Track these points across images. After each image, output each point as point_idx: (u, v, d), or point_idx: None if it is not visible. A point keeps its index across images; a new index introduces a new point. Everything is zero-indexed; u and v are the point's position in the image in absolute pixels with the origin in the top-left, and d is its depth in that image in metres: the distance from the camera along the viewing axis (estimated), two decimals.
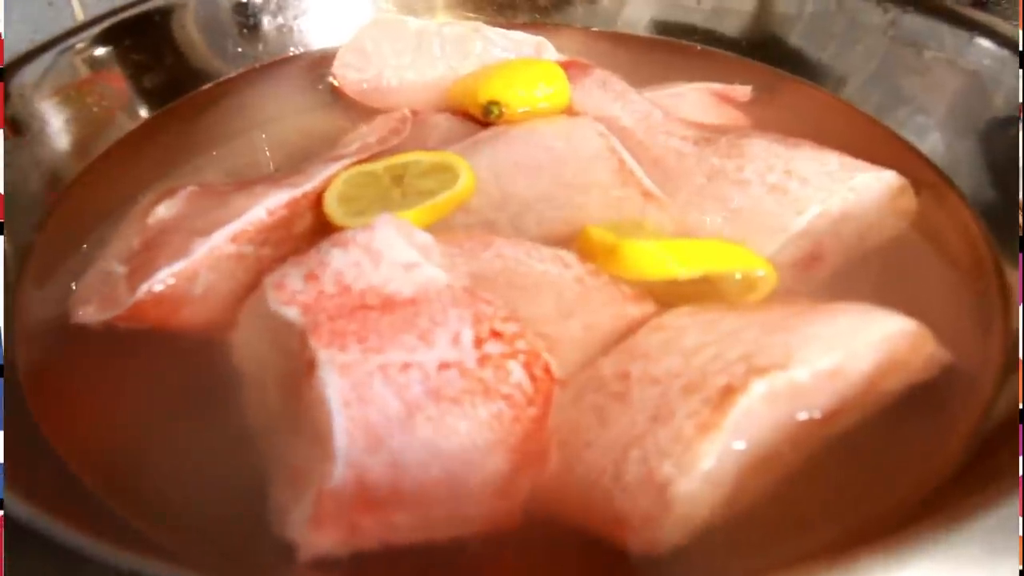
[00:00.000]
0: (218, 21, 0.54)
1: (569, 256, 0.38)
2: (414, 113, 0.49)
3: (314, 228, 0.41)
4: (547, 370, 0.32)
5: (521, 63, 0.50)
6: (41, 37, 0.52)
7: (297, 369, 0.31)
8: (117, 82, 0.47)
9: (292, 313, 0.33)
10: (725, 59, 0.58)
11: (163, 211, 0.40)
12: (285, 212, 0.39)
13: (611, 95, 0.49)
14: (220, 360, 0.35)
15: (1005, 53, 0.46)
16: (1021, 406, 0.31)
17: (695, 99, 0.51)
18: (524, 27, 0.57)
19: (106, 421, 0.32)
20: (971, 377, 0.34)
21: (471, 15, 0.61)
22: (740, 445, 0.29)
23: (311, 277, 0.35)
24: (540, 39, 0.53)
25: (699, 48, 0.59)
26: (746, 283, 0.37)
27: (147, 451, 0.31)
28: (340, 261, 0.35)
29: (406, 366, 0.30)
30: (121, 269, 0.37)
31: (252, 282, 0.37)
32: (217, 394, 0.33)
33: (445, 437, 0.29)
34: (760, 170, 0.42)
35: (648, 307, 0.36)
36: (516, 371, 0.31)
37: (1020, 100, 0.44)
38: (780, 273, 0.38)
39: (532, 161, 0.44)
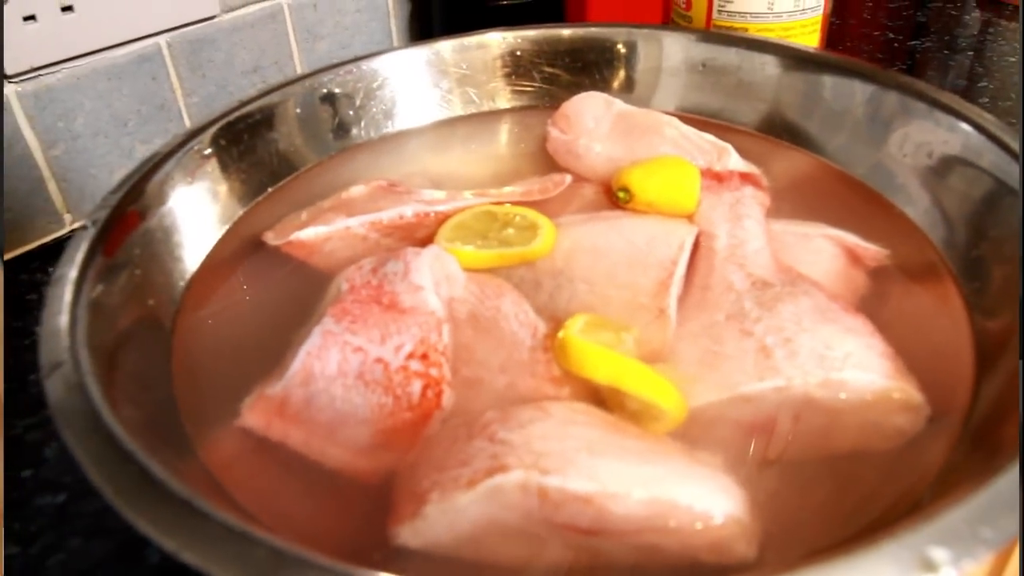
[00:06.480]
0: None
1: (541, 330, 0.46)
2: (576, 179, 0.59)
3: (430, 237, 0.55)
4: (438, 396, 0.43)
5: (668, 163, 0.56)
6: None
7: (316, 315, 0.47)
8: None
9: (344, 286, 0.49)
10: None
11: (354, 191, 0.58)
12: (412, 220, 0.55)
13: (731, 215, 0.53)
14: None
15: None
16: None
17: (819, 247, 0.51)
18: None
19: None
20: None
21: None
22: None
23: (374, 270, 0.50)
24: (725, 145, 0.58)
25: None
26: (653, 412, 0.41)
27: None
28: (390, 266, 0.49)
29: (358, 349, 0.44)
30: (304, 216, 0.56)
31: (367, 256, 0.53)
32: None
33: (344, 400, 0.43)
34: (769, 329, 0.44)
35: (563, 393, 0.43)
36: (416, 385, 0.43)
37: None
38: (720, 426, 0.42)
39: (607, 247, 0.51)
